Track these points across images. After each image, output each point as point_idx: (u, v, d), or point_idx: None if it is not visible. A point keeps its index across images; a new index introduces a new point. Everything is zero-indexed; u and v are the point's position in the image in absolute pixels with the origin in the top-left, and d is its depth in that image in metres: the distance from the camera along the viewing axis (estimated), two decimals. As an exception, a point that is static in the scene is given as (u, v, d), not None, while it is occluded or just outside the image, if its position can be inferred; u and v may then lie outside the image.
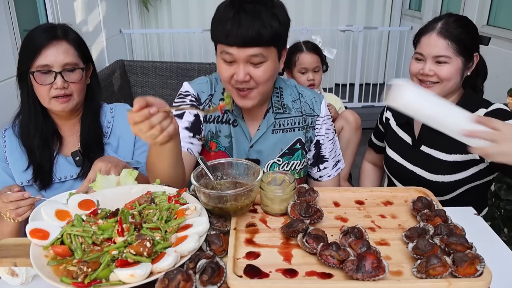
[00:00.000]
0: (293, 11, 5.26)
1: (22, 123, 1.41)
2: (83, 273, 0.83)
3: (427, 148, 1.53)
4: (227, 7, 1.21)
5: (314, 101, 1.48)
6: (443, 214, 1.07)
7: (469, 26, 1.46)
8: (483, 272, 0.86)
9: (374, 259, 0.87)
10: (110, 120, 1.51)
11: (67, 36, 1.37)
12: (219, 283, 0.87)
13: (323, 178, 1.54)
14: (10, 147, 1.42)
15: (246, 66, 1.24)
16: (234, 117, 1.42)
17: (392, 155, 1.65)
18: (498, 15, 3.20)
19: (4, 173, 1.41)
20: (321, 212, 1.10)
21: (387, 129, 1.71)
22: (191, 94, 1.43)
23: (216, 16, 1.24)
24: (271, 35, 1.21)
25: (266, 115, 1.42)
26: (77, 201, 1.08)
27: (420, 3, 4.63)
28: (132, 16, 5.02)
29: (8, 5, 2.41)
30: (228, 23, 1.18)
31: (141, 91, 3.83)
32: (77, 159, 1.44)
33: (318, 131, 1.49)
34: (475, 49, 1.46)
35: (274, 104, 1.43)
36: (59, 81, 1.32)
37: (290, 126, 1.45)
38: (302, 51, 2.21)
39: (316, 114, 1.47)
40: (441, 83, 1.44)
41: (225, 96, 1.20)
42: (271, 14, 1.21)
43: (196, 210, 1.04)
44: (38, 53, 1.31)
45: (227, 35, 1.19)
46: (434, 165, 1.50)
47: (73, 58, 1.36)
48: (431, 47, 1.43)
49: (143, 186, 1.18)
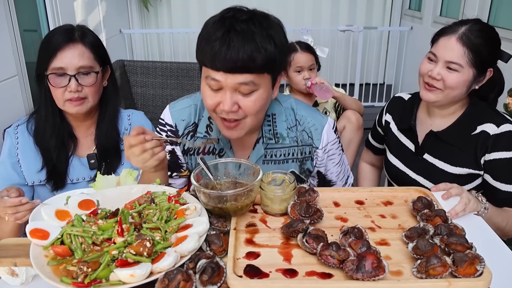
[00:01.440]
0: (293, 11, 5.28)
1: (38, 122, 1.41)
2: (83, 273, 0.83)
3: (430, 157, 1.51)
4: (216, 25, 1.06)
5: (313, 129, 1.30)
6: (443, 214, 1.07)
7: (492, 40, 1.39)
8: (483, 272, 0.86)
9: (374, 259, 0.87)
10: (127, 127, 1.51)
11: (84, 39, 1.37)
12: (219, 283, 0.87)
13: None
14: (22, 144, 1.41)
15: (234, 94, 1.09)
16: (221, 147, 1.31)
17: (393, 161, 1.63)
18: (498, 15, 3.20)
19: (12, 170, 1.39)
20: (321, 212, 1.10)
21: (387, 132, 1.68)
22: (169, 125, 1.32)
23: (203, 34, 1.09)
24: (265, 60, 1.05)
25: (256, 146, 1.29)
26: (77, 201, 1.08)
27: (420, 3, 4.62)
28: (132, 16, 5.03)
29: (8, 5, 2.41)
30: (216, 43, 1.03)
31: (141, 91, 3.83)
32: (92, 162, 1.43)
33: (319, 162, 1.34)
34: (490, 63, 1.40)
35: (265, 134, 1.27)
36: (73, 84, 1.32)
37: (283, 158, 1.30)
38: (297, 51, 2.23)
39: (316, 147, 1.31)
40: (444, 91, 1.39)
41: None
42: (266, 35, 1.05)
43: (196, 210, 1.04)
44: (54, 55, 1.32)
45: (214, 58, 1.04)
46: (438, 176, 1.47)
47: (88, 61, 1.35)
48: (446, 51, 1.37)
49: (143, 186, 1.18)
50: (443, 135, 1.47)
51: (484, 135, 1.41)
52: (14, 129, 1.42)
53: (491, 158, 1.39)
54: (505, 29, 2.97)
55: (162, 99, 3.82)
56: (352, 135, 2.24)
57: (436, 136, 1.49)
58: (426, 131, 1.52)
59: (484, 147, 1.41)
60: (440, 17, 4.14)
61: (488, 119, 1.41)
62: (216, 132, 1.29)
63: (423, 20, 4.46)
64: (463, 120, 1.46)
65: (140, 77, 3.80)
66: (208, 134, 1.30)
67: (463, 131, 1.45)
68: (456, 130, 1.46)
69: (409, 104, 1.62)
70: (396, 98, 1.69)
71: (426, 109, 1.56)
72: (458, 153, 1.45)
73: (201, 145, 1.28)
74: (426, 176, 1.52)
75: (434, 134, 1.50)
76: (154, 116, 3.86)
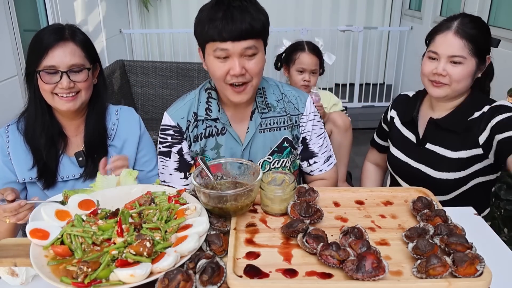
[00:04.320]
0: (293, 11, 5.28)
1: (28, 121, 1.42)
2: (83, 273, 0.83)
3: (432, 146, 1.54)
4: (214, 8, 1.26)
5: (298, 100, 1.50)
6: (443, 214, 1.07)
7: (483, 28, 1.45)
8: (483, 272, 0.86)
9: (374, 259, 0.87)
10: (115, 122, 1.52)
11: (74, 37, 1.37)
12: (219, 283, 0.87)
13: (314, 173, 1.57)
14: (13, 143, 1.42)
15: (241, 59, 1.28)
16: (222, 125, 1.43)
17: (396, 153, 1.65)
18: (498, 15, 3.20)
19: (5, 167, 1.41)
20: (321, 212, 1.10)
21: (392, 127, 1.70)
22: (171, 127, 1.44)
23: (203, 17, 1.28)
24: (261, 27, 1.28)
25: (253, 116, 1.45)
26: (77, 201, 1.08)
27: (420, 3, 4.63)
28: (132, 16, 5.02)
29: (8, 5, 2.41)
30: (218, 21, 1.23)
31: (141, 91, 3.83)
32: (80, 159, 1.44)
33: (303, 128, 1.51)
34: (488, 50, 1.46)
35: (259, 105, 1.45)
36: (65, 81, 1.32)
37: (276, 125, 1.48)
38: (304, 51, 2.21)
39: (300, 113, 1.50)
40: (451, 86, 1.43)
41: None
42: (257, 8, 1.28)
43: (196, 210, 1.04)
44: (45, 54, 1.32)
45: (221, 32, 1.23)
46: (439, 163, 1.50)
47: (80, 59, 1.36)
48: (447, 46, 1.41)
49: (143, 186, 1.18)
50: (442, 122, 1.51)
51: (480, 116, 1.45)
52: (5, 129, 1.44)
53: (494, 123, 1.39)
54: (505, 29, 2.97)
55: (162, 99, 3.82)
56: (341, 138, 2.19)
57: (436, 125, 1.52)
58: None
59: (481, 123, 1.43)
60: (440, 17, 4.14)
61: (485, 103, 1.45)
62: (216, 112, 1.42)
63: (423, 20, 4.46)
64: (463, 107, 1.50)
65: (140, 77, 3.80)
66: (208, 115, 1.42)
67: (462, 116, 1.49)
68: (455, 116, 1.50)
69: (413, 99, 1.67)
70: (402, 95, 1.75)
71: (429, 103, 1.59)
72: (457, 138, 1.48)
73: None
74: (427, 164, 1.54)
75: (434, 122, 1.53)
76: (154, 116, 3.86)
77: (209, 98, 1.44)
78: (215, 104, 1.43)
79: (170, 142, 1.45)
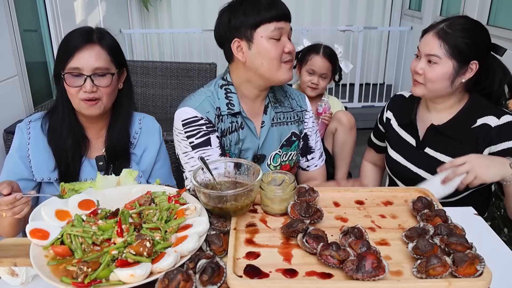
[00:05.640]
0: (293, 11, 5.22)
1: (54, 122, 1.40)
2: (83, 273, 0.83)
3: (431, 151, 1.53)
4: None
5: (301, 98, 1.61)
6: (443, 214, 1.07)
7: (473, 33, 1.41)
8: (483, 272, 0.86)
9: (374, 259, 0.87)
10: (137, 131, 1.50)
11: (102, 41, 1.37)
12: (219, 283, 0.87)
13: (310, 168, 1.64)
14: (34, 141, 1.40)
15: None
16: (242, 119, 1.47)
17: (395, 156, 1.64)
18: (498, 15, 3.20)
19: (20, 163, 1.38)
20: (321, 212, 1.10)
21: (388, 129, 1.70)
22: (203, 118, 1.42)
23: (247, 4, 1.34)
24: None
25: (267, 110, 1.51)
26: (77, 201, 1.08)
27: (420, 3, 4.62)
28: (132, 16, 5.02)
29: (8, 5, 2.41)
30: (268, 5, 1.33)
31: (141, 91, 3.82)
32: (101, 164, 1.43)
33: (306, 124, 1.61)
34: (474, 57, 1.41)
35: (271, 99, 1.53)
36: (88, 85, 1.32)
37: (285, 120, 1.56)
38: (318, 54, 2.22)
39: (304, 109, 1.60)
40: (426, 85, 1.45)
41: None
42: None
43: (196, 210, 1.04)
44: (72, 56, 1.32)
45: (274, 12, 1.34)
46: None
47: (105, 63, 1.35)
48: (425, 45, 1.45)
49: (143, 186, 1.18)
50: (443, 129, 1.50)
51: (485, 127, 1.44)
52: (26, 125, 1.42)
53: (500, 149, 1.41)
54: (505, 29, 2.97)
55: (162, 99, 3.82)
56: (345, 136, 2.21)
57: (436, 130, 1.52)
58: (427, 126, 1.55)
59: (487, 138, 1.43)
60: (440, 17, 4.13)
61: (488, 112, 1.45)
62: (238, 106, 1.46)
63: (423, 20, 4.46)
64: (463, 114, 1.49)
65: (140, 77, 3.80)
66: (231, 109, 1.45)
67: (463, 124, 1.48)
68: (457, 123, 1.49)
69: (409, 100, 1.66)
70: (397, 95, 1.74)
71: (425, 104, 1.59)
72: (459, 146, 1.47)
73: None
74: (427, 169, 1.53)
75: (434, 128, 1.52)
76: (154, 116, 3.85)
77: (227, 94, 1.45)
78: (235, 98, 1.45)
79: (205, 131, 1.42)
